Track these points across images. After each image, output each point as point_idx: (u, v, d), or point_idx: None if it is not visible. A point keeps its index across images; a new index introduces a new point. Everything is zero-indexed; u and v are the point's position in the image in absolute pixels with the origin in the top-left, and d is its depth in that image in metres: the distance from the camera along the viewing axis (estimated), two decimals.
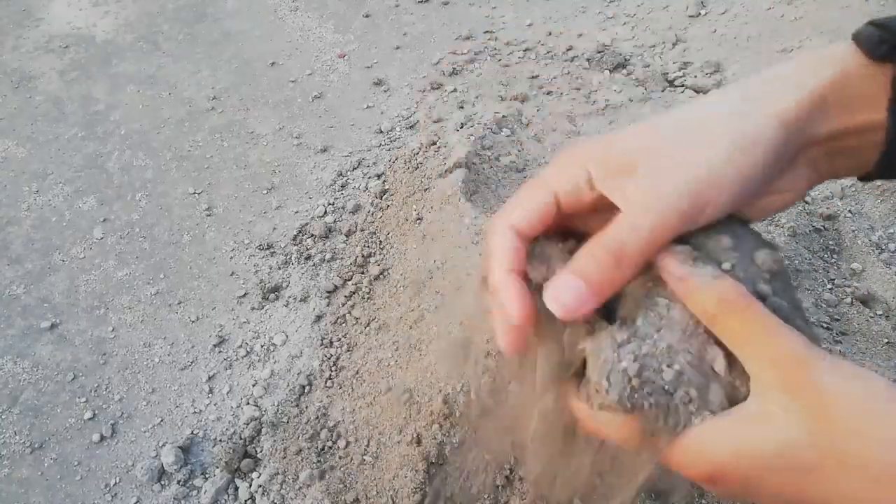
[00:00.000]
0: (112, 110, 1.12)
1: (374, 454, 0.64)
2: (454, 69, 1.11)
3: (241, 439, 0.68)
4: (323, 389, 0.70)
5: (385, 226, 0.85)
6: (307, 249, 0.86)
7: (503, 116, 0.96)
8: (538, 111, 0.99)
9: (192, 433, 0.69)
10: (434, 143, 0.92)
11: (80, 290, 0.85)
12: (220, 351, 0.76)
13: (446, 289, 0.73)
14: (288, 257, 0.85)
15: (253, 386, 0.72)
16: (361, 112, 1.07)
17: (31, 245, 0.91)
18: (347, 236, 0.86)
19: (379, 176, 0.93)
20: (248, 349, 0.76)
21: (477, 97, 1.03)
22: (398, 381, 0.67)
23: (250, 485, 0.65)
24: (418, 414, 0.64)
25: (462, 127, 0.94)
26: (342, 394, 0.69)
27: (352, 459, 0.64)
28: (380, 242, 0.84)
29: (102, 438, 0.70)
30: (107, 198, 0.97)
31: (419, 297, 0.74)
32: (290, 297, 0.80)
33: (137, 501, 0.65)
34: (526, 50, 1.14)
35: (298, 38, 1.24)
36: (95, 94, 1.15)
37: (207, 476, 0.66)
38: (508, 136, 0.94)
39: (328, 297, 0.79)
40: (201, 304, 0.82)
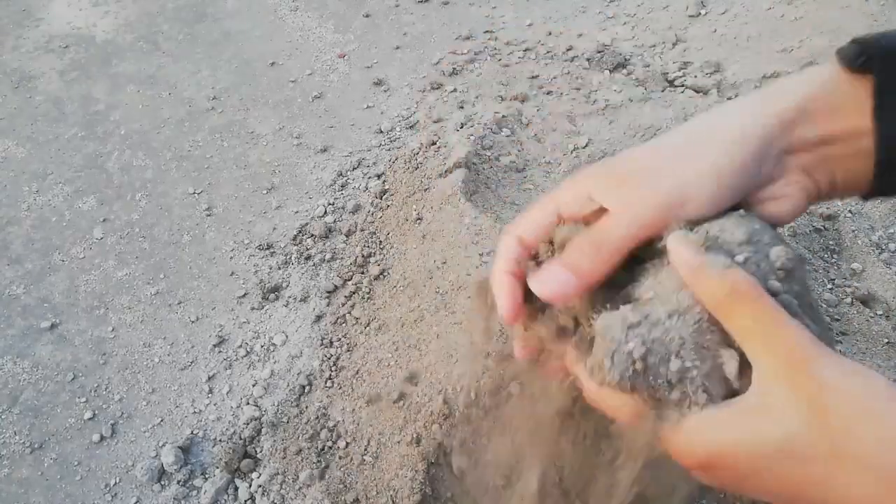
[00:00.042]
0: (112, 110, 1.12)
1: (374, 454, 0.64)
2: (454, 69, 1.11)
3: (241, 439, 0.68)
4: (323, 389, 0.70)
5: (385, 226, 0.85)
6: (307, 249, 0.86)
7: (503, 116, 0.96)
8: (538, 111, 0.99)
9: (192, 433, 0.69)
10: (434, 143, 0.92)
11: (80, 290, 0.85)
12: (220, 351, 0.76)
13: (446, 289, 0.73)
14: (288, 257, 0.85)
15: (253, 386, 0.72)
16: (361, 112, 1.07)
17: (31, 245, 0.91)
18: (347, 236, 0.86)
19: (379, 176, 0.93)
20: (248, 349, 0.76)
21: (477, 97, 1.03)
22: (397, 382, 0.67)
23: (250, 485, 0.65)
24: (418, 414, 0.64)
25: (462, 127, 0.94)
26: (342, 394, 0.69)
27: (352, 459, 0.64)
28: (380, 242, 0.84)
29: (102, 438, 0.70)
30: (107, 198, 0.97)
31: (419, 297, 0.74)
32: (290, 297, 0.80)
33: (137, 501, 0.65)
34: (526, 50, 1.14)
35: (298, 38, 1.24)
36: (95, 94, 1.15)
37: (207, 476, 0.66)
38: (508, 136, 0.94)
39: (328, 297, 0.79)
40: (201, 304, 0.82)
